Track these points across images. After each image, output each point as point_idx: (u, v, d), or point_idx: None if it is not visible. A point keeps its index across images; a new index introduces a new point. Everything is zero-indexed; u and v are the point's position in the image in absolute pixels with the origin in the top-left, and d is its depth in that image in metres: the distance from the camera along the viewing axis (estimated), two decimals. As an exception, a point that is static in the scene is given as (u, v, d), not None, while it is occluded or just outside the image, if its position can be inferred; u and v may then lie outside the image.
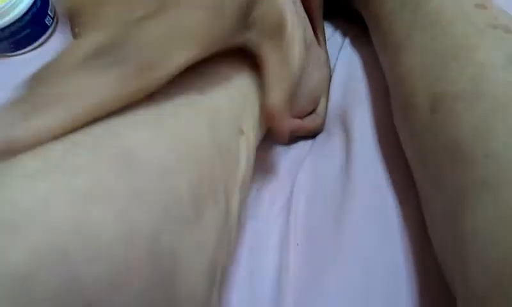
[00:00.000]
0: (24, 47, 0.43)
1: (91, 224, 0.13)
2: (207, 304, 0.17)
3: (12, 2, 0.40)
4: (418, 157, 0.24)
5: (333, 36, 0.37)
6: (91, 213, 0.13)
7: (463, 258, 0.18)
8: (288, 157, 0.31)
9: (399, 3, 0.27)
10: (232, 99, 0.21)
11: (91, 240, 0.13)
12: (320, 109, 0.32)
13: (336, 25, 0.38)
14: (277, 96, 0.21)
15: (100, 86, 0.16)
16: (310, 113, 0.32)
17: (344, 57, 0.35)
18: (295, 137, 0.33)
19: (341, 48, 0.36)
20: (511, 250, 0.16)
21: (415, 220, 0.25)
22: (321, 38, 0.31)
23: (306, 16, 0.29)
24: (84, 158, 0.14)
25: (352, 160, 0.28)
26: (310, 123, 0.31)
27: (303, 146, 0.32)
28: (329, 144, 0.31)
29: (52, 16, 0.44)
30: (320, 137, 0.32)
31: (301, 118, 0.31)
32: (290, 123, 0.31)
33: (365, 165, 0.28)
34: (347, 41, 0.36)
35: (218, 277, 0.19)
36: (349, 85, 0.33)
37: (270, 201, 0.29)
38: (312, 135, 0.33)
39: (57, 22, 0.45)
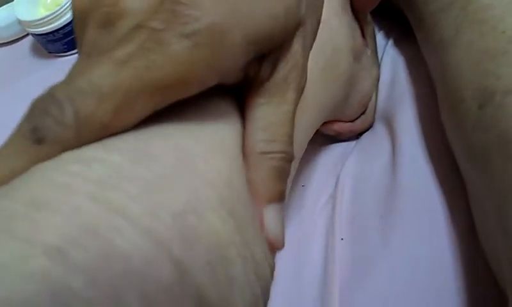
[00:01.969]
0: (76, 47, 0.46)
1: (116, 202, 0.13)
2: (244, 281, 0.16)
3: (66, 6, 0.43)
4: (467, 153, 0.24)
5: (377, 37, 0.37)
6: (112, 195, 0.13)
7: None
8: (333, 153, 0.32)
9: (446, 1, 0.28)
10: None
11: (117, 215, 0.13)
12: (369, 109, 0.32)
13: (379, 26, 0.38)
14: None
15: None
16: (360, 114, 0.32)
17: (387, 58, 0.35)
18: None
19: (384, 49, 0.36)
20: None
21: (462, 218, 0.25)
22: (369, 39, 0.31)
23: (356, 24, 0.29)
24: (96, 152, 0.14)
25: (397, 157, 0.29)
26: (359, 125, 0.32)
27: (348, 143, 0.33)
28: (374, 142, 0.31)
29: (102, 18, 0.47)
30: (365, 135, 0.33)
31: (352, 121, 0.32)
32: (341, 127, 0.31)
33: (411, 163, 0.28)
34: (390, 42, 0.36)
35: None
36: (393, 85, 0.33)
37: (315, 195, 0.30)
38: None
39: (106, 24, 0.48)
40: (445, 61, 0.26)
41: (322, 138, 0.33)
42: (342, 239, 0.27)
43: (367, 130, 0.33)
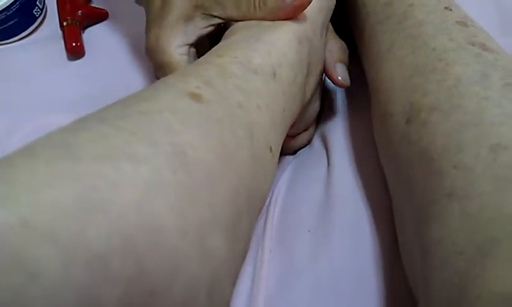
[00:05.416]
0: (11, 37, 0.43)
1: (153, 214, 0.14)
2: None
3: (-1, -9, 0.40)
4: (392, 165, 0.24)
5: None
6: (153, 203, 0.14)
7: (427, 267, 0.18)
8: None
9: (384, 15, 0.28)
10: (264, 116, 0.22)
11: (152, 230, 0.13)
12: (312, 127, 0.32)
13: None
14: None
15: None
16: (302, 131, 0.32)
17: None
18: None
19: None
20: (475, 262, 0.16)
21: (388, 231, 0.25)
22: None
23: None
24: (143, 149, 0.15)
25: (331, 172, 0.29)
26: (299, 141, 0.32)
27: (286, 156, 0.32)
28: (311, 157, 0.31)
29: (40, 7, 0.44)
30: (303, 150, 0.33)
31: (293, 136, 0.31)
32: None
33: (342, 177, 0.28)
34: None
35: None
36: (333, 100, 0.34)
37: None
38: None
39: (45, 14, 0.45)
40: (379, 74, 0.26)
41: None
42: (270, 251, 0.26)
43: (304, 146, 0.33)
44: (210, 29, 0.29)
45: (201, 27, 0.28)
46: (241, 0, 0.26)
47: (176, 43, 0.28)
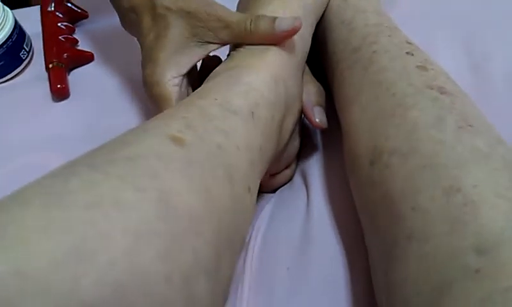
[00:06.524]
0: (3, 76, 0.44)
1: (141, 261, 0.14)
2: None
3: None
4: (361, 206, 0.25)
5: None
6: (141, 250, 0.14)
7: None
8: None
9: (352, 61, 0.29)
10: (243, 156, 0.23)
11: (141, 277, 0.14)
12: (293, 165, 0.33)
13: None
14: None
15: None
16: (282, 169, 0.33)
17: None
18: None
19: None
20: (431, 303, 0.17)
21: (363, 268, 0.25)
22: None
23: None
24: (130, 195, 0.16)
25: (310, 209, 0.30)
26: (280, 179, 0.33)
27: (266, 194, 0.33)
28: (291, 195, 0.32)
29: (27, 50, 0.45)
30: (284, 187, 0.33)
31: (274, 175, 0.32)
32: (263, 180, 0.32)
33: (321, 214, 0.29)
34: None
35: None
36: (313, 136, 0.35)
37: None
38: None
39: (32, 56, 0.46)
40: (348, 118, 0.27)
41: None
42: (249, 289, 0.27)
43: (285, 184, 0.33)
44: (204, 56, 0.30)
45: (195, 55, 0.29)
46: (232, 25, 0.28)
47: (170, 75, 0.29)
